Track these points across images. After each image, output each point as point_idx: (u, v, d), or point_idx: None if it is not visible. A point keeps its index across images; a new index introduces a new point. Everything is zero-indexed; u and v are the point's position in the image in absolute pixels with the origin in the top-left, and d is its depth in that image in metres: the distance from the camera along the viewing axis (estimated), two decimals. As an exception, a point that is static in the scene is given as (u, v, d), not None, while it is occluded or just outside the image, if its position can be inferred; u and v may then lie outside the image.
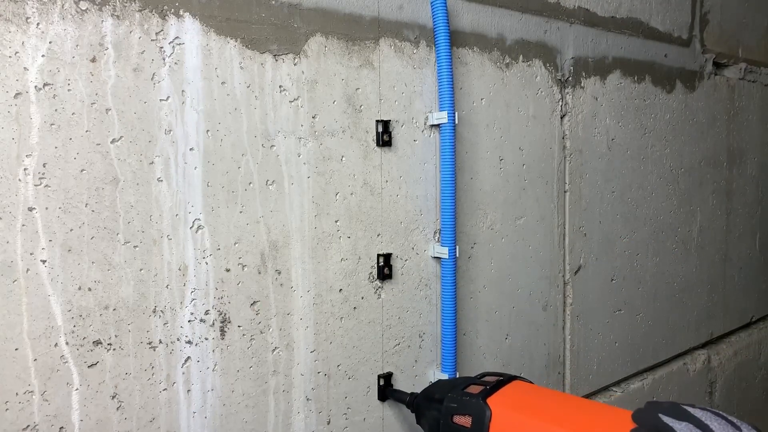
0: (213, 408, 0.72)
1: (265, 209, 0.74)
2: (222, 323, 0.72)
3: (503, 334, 1.01)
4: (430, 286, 0.91)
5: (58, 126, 0.61)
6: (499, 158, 0.98)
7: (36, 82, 0.59)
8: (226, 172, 0.71)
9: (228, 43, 0.71)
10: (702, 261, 1.47)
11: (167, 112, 0.67)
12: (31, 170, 0.59)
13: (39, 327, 0.60)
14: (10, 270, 0.59)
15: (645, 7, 1.25)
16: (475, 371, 0.97)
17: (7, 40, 0.58)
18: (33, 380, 0.60)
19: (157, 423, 0.68)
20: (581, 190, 1.13)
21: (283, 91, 0.75)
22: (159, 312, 0.67)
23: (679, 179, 1.37)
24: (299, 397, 0.79)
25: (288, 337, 0.77)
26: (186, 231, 0.69)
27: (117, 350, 0.65)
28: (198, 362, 0.71)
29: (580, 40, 1.11)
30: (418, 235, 0.89)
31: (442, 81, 0.86)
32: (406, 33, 0.86)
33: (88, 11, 0.62)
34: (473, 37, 0.94)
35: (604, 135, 1.17)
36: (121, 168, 0.64)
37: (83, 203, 0.62)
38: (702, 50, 1.42)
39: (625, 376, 1.27)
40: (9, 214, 0.58)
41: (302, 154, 0.77)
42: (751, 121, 1.61)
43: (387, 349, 0.87)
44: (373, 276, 0.84)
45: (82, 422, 0.63)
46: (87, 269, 0.63)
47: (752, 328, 1.70)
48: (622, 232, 1.23)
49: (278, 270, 0.76)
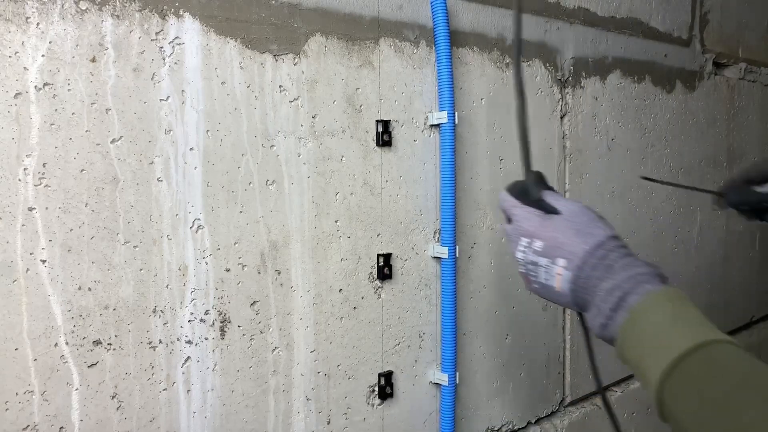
0: (213, 408, 0.72)
1: (265, 209, 0.74)
2: (222, 323, 0.72)
3: (503, 334, 1.01)
4: (430, 286, 0.91)
5: (58, 126, 0.61)
6: (499, 158, 0.98)
7: (36, 82, 0.59)
8: (226, 172, 0.71)
9: (228, 43, 0.71)
10: (702, 261, 1.47)
11: (167, 112, 0.67)
12: (31, 170, 0.59)
13: (39, 327, 0.60)
14: (10, 270, 0.59)
15: (645, 7, 1.25)
16: (474, 371, 0.97)
17: (7, 40, 0.58)
18: (33, 380, 0.60)
19: (157, 423, 0.68)
20: (581, 190, 1.13)
21: (283, 91, 0.75)
22: (159, 312, 0.67)
23: (679, 179, 1.37)
24: (299, 397, 0.79)
25: (288, 337, 0.77)
26: (186, 231, 0.69)
27: (117, 350, 0.65)
28: (198, 362, 0.71)
29: (580, 40, 1.11)
30: (418, 235, 0.89)
31: (442, 81, 0.86)
32: (406, 33, 0.86)
33: (88, 11, 0.62)
34: (473, 37, 0.94)
35: (604, 135, 1.17)
36: (121, 168, 0.64)
37: (83, 203, 0.62)
38: (702, 50, 1.42)
39: (625, 376, 1.27)
40: (9, 214, 0.58)
41: (302, 154, 0.77)
42: (750, 121, 1.61)
43: (387, 348, 0.87)
44: (373, 276, 0.84)
45: (82, 422, 0.63)
46: (87, 269, 0.63)
47: (752, 328, 1.70)
48: (622, 232, 1.23)
49: (278, 270, 0.76)
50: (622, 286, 0.55)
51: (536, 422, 1.09)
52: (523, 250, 0.62)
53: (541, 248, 0.61)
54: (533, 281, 0.62)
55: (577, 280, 0.57)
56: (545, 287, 0.62)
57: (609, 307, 0.55)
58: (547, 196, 0.62)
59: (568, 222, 0.60)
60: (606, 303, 0.55)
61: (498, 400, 1.01)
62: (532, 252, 0.61)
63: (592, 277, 0.57)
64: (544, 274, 0.61)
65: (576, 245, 0.58)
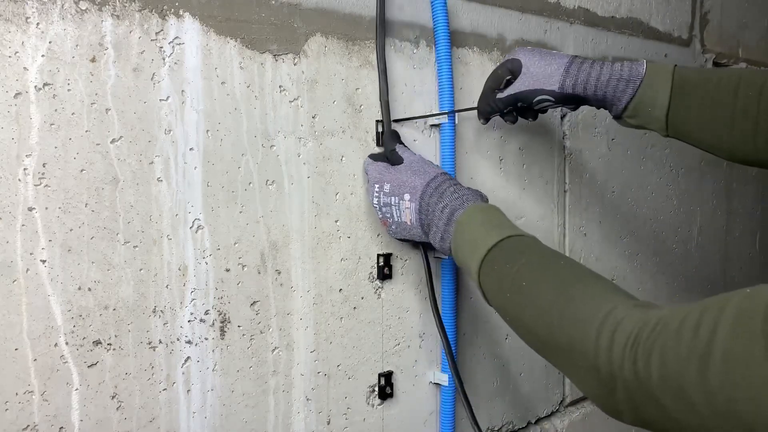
0: (213, 408, 0.72)
1: (265, 209, 0.74)
2: (222, 323, 0.72)
3: (503, 334, 1.01)
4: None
5: (58, 126, 0.61)
6: (499, 158, 0.98)
7: (36, 82, 0.59)
8: (226, 172, 0.71)
9: (228, 43, 0.71)
10: (702, 261, 1.47)
11: (167, 112, 0.67)
12: (30, 170, 0.59)
13: (39, 327, 0.60)
14: (10, 270, 0.59)
15: (645, 7, 1.25)
16: (474, 371, 0.97)
17: (7, 40, 0.58)
18: (33, 380, 0.60)
19: (156, 423, 0.68)
20: (581, 190, 1.13)
21: (283, 91, 0.75)
22: (159, 312, 0.67)
23: (679, 179, 1.37)
24: (299, 397, 0.79)
25: (288, 337, 0.77)
26: (186, 231, 0.69)
27: (117, 350, 0.65)
28: (198, 362, 0.71)
29: (580, 40, 1.11)
30: (418, 235, 0.89)
31: (442, 81, 0.86)
32: (406, 33, 0.86)
33: (87, 11, 0.62)
34: (473, 37, 0.94)
35: (604, 135, 1.17)
36: (120, 168, 0.64)
37: (83, 203, 0.62)
38: (702, 50, 1.42)
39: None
40: (9, 214, 0.58)
41: (302, 154, 0.77)
42: (751, 121, 1.61)
43: (387, 349, 0.87)
44: (373, 276, 0.84)
45: (81, 422, 0.63)
46: (87, 269, 0.63)
47: (752, 328, 1.70)
48: (622, 232, 1.23)
49: (278, 270, 0.76)
50: (451, 204, 0.69)
51: (536, 422, 1.09)
52: (377, 195, 0.76)
53: (390, 189, 0.75)
54: (390, 223, 0.77)
55: (420, 208, 0.72)
56: (400, 224, 0.76)
57: (443, 223, 0.69)
58: (398, 149, 0.78)
59: (408, 167, 0.75)
60: (440, 220, 0.69)
61: (498, 400, 1.01)
62: (384, 194, 0.75)
63: (430, 203, 0.71)
64: (396, 211, 0.75)
65: (416, 181, 0.73)
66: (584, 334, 0.51)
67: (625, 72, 0.75)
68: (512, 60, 0.79)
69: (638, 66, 0.75)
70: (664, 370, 0.44)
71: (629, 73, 0.75)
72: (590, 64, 0.77)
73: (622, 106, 0.76)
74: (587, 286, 0.56)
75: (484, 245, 0.64)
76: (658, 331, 0.46)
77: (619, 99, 0.75)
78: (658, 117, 0.75)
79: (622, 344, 0.48)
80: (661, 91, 0.74)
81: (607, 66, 0.76)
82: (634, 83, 0.74)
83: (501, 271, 0.62)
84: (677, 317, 0.45)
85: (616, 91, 0.75)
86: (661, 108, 0.74)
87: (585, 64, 0.77)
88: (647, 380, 0.45)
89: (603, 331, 0.50)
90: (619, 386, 0.48)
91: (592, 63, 0.77)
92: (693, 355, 0.42)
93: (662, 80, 0.74)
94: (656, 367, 0.45)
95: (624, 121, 0.78)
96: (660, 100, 0.74)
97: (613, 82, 0.75)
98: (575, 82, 0.76)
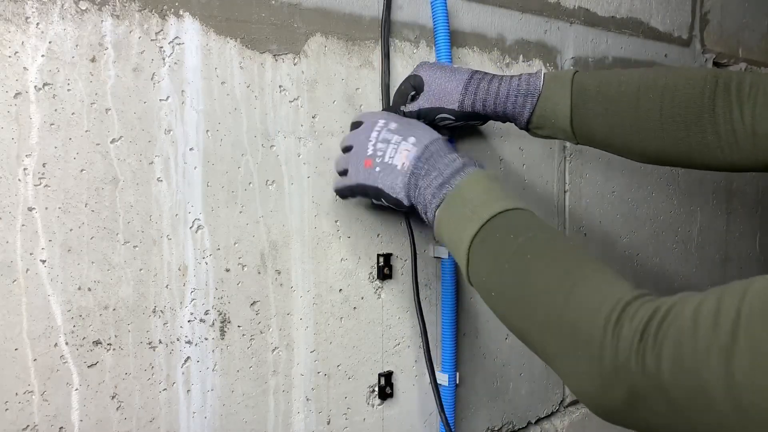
0: (213, 408, 0.72)
1: (264, 209, 0.74)
2: (222, 323, 0.72)
3: (503, 334, 1.01)
4: (430, 286, 0.91)
5: (58, 126, 0.61)
6: (499, 158, 0.98)
7: (36, 82, 0.59)
8: (226, 172, 0.71)
9: (228, 43, 0.71)
10: (702, 261, 1.47)
11: (167, 112, 0.67)
12: (30, 170, 0.59)
13: (39, 327, 0.60)
14: (10, 270, 0.59)
15: (645, 7, 1.25)
16: (474, 371, 0.97)
17: (6, 40, 0.58)
18: (33, 380, 0.60)
19: (156, 423, 0.68)
20: (581, 190, 1.13)
21: (283, 91, 0.75)
22: (159, 312, 0.67)
23: (679, 179, 1.37)
24: (299, 398, 0.79)
25: (288, 337, 0.77)
26: (186, 231, 0.69)
27: (117, 350, 0.65)
28: (198, 362, 0.70)
29: (580, 40, 1.11)
30: (418, 234, 0.89)
31: (442, 81, 0.86)
32: (406, 33, 0.86)
33: (87, 11, 0.62)
34: (473, 37, 0.94)
35: (604, 135, 1.17)
36: (120, 168, 0.64)
37: (83, 203, 0.62)
38: (702, 50, 1.42)
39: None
40: (9, 214, 0.58)
41: (302, 154, 0.77)
42: (751, 121, 1.61)
43: (387, 349, 0.87)
44: (373, 276, 0.84)
45: (81, 422, 0.63)
46: (87, 269, 0.63)
47: (752, 328, 1.70)
48: (622, 232, 1.23)
49: (278, 270, 0.76)
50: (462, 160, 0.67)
51: (536, 422, 1.09)
52: (378, 130, 0.72)
53: (395, 128, 0.71)
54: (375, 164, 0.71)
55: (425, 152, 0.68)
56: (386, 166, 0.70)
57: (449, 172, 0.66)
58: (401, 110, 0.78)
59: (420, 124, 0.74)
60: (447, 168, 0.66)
61: (498, 400, 1.01)
62: (387, 130, 0.71)
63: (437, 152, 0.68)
64: (392, 151, 0.70)
65: (426, 132, 0.71)
66: (592, 320, 0.48)
67: (523, 86, 0.74)
68: (414, 76, 0.78)
69: (536, 79, 0.74)
70: (678, 363, 0.41)
71: (527, 88, 0.74)
72: (489, 80, 0.75)
73: (524, 121, 0.75)
74: (598, 270, 0.52)
75: (488, 210, 0.60)
76: (670, 320, 0.43)
77: (520, 114, 0.75)
78: (563, 127, 0.74)
79: (630, 336, 0.45)
80: (560, 102, 0.73)
81: (505, 81, 0.75)
82: (533, 97, 0.74)
83: (503, 240, 0.58)
84: (690, 305, 0.43)
85: (516, 106, 0.74)
86: (563, 118, 0.73)
87: (483, 82, 0.75)
88: (656, 375, 0.42)
89: (612, 319, 0.46)
90: (620, 381, 0.45)
91: (490, 79, 0.76)
92: (713, 346, 0.39)
93: (561, 91, 0.73)
94: (668, 360, 0.41)
95: (533, 132, 0.78)
96: (561, 110, 0.73)
97: (511, 98, 0.74)
98: (474, 100, 0.75)
